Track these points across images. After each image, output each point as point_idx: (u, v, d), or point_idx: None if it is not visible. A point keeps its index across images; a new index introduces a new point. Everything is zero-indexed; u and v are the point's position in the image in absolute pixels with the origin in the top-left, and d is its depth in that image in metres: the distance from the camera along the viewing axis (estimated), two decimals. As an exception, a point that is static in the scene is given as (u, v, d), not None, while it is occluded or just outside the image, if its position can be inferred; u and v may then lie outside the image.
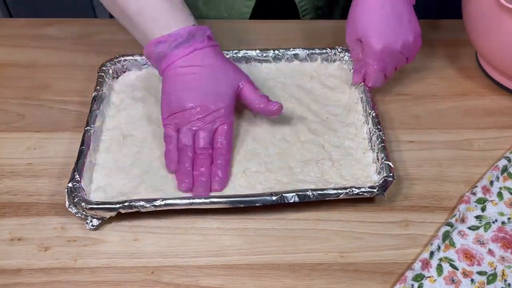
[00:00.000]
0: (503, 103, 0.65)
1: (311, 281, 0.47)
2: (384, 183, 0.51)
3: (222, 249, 0.50)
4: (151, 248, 0.50)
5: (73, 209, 0.50)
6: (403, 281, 0.46)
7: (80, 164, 0.53)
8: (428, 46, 0.75)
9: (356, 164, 0.55)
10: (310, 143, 0.58)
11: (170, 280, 0.47)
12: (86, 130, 0.56)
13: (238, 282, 0.47)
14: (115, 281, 0.47)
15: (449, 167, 0.57)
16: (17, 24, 0.78)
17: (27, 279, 0.47)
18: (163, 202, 0.49)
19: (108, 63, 0.65)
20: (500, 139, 0.60)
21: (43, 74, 0.69)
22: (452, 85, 0.68)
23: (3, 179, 0.55)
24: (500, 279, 0.47)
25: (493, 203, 0.53)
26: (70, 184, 0.51)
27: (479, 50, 0.66)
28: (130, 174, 0.55)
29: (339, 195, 0.50)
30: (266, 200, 0.50)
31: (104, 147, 0.57)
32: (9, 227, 0.51)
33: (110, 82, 0.65)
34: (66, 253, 0.49)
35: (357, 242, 0.50)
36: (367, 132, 0.58)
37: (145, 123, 0.60)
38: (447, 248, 0.49)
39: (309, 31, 0.77)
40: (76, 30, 0.77)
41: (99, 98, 0.60)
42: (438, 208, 0.53)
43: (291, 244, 0.50)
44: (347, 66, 0.68)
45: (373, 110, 0.58)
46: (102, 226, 0.51)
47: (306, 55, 0.68)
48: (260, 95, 0.58)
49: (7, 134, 0.61)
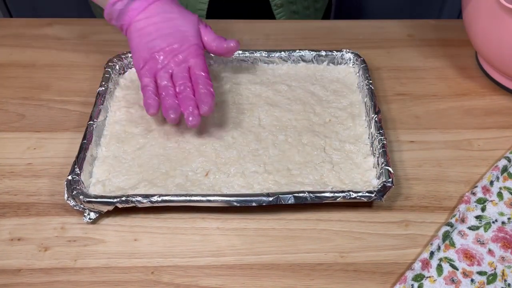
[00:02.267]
0: (503, 103, 0.65)
1: (311, 281, 0.47)
2: (383, 189, 0.51)
3: (222, 249, 0.50)
4: (151, 248, 0.50)
5: (71, 201, 0.51)
6: (403, 281, 0.46)
7: (81, 157, 0.53)
8: (428, 46, 0.75)
9: (355, 168, 0.55)
10: (312, 145, 0.58)
11: (170, 280, 0.47)
12: (89, 124, 0.57)
13: (238, 282, 0.47)
14: (115, 281, 0.47)
15: (449, 167, 0.57)
16: (17, 24, 0.78)
17: (27, 279, 0.47)
18: (160, 198, 0.49)
19: (115, 59, 0.66)
20: (500, 139, 0.60)
21: (43, 74, 0.69)
22: (452, 85, 0.68)
23: (3, 179, 0.56)
24: (500, 279, 0.47)
25: (493, 203, 0.53)
26: (70, 177, 0.51)
27: (479, 50, 0.66)
28: (130, 170, 0.55)
29: (336, 199, 0.50)
30: (262, 200, 0.50)
31: (105, 142, 0.58)
32: (9, 227, 0.51)
33: (116, 78, 0.65)
34: (66, 253, 0.49)
35: (357, 242, 0.50)
36: (369, 137, 0.58)
37: (147, 119, 0.60)
38: (447, 248, 0.49)
39: (305, 30, 0.77)
40: (76, 30, 0.77)
41: (104, 93, 0.61)
42: (438, 208, 0.53)
43: (291, 244, 0.50)
44: (353, 69, 0.68)
45: (376, 114, 0.58)
46: (102, 226, 0.51)
47: (312, 57, 0.68)
48: (217, 36, 0.60)
49: (7, 134, 0.61)
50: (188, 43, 0.58)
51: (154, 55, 0.58)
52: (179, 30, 0.59)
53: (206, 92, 0.56)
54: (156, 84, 0.57)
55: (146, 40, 0.58)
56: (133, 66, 0.60)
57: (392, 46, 0.75)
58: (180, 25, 0.59)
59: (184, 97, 0.55)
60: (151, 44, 0.58)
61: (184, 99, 0.55)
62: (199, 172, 0.55)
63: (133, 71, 0.67)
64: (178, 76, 0.57)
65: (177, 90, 0.56)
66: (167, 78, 0.57)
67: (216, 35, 0.61)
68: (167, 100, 0.55)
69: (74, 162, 0.52)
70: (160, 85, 0.57)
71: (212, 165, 0.55)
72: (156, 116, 0.60)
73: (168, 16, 0.59)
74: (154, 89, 0.57)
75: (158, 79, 0.57)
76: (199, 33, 0.60)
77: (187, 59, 0.58)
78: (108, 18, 0.60)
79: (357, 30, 0.78)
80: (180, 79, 0.57)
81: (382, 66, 0.71)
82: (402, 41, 0.76)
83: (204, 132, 0.59)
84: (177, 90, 0.56)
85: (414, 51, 0.74)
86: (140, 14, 0.58)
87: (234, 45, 0.60)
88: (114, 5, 0.58)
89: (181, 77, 0.57)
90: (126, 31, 0.60)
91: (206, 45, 0.61)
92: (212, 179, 0.54)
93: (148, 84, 0.57)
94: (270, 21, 0.80)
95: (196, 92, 0.56)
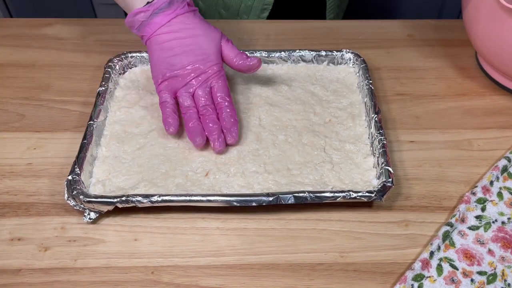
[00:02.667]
0: (503, 103, 0.65)
1: (311, 281, 0.47)
2: (383, 188, 0.51)
3: (222, 249, 0.50)
4: (151, 248, 0.50)
5: (71, 201, 0.51)
6: (403, 281, 0.46)
7: (81, 157, 0.53)
8: (428, 46, 0.75)
9: (355, 168, 0.55)
10: (312, 145, 0.58)
11: (170, 280, 0.47)
12: (89, 124, 0.57)
13: (238, 282, 0.47)
14: (115, 281, 0.47)
15: (449, 167, 0.57)
16: (17, 24, 0.78)
17: (27, 279, 0.47)
18: (160, 198, 0.49)
19: (115, 59, 0.66)
20: (500, 139, 0.60)
21: (43, 74, 0.69)
22: (452, 85, 0.68)
23: (3, 179, 0.56)
24: (500, 279, 0.47)
25: (493, 203, 0.53)
26: (70, 177, 0.51)
27: (479, 50, 0.66)
28: (130, 170, 0.55)
29: (336, 198, 0.50)
30: (262, 200, 0.50)
31: (105, 142, 0.58)
32: (9, 227, 0.51)
33: (116, 78, 0.65)
34: (66, 253, 0.49)
35: (357, 242, 0.50)
36: (369, 137, 0.58)
37: (147, 119, 0.60)
38: (447, 248, 0.49)
39: (305, 30, 0.77)
40: (76, 30, 0.77)
41: (104, 93, 0.61)
42: (438, 208, 0.53)
43: (291, 244, 0.50)
44: (353, 69, 0.68)
45: (376, 114, 0.58)
46: (102, 226, 0.51)
47: (312, 57, 0.68)
48: (239, 51, 0.59)
49: (7, 134, 0.61)
50: (211, 62, 0.58)
51: (175, 72, 0.57)
52: (202, 48, 0.57)
53: (233, 121, 0.55)
54: (175, 100, 0.57)
55: (167, 55, 0.57)
56: (152, 78, 0.59)
57: (392, 46, 0.75)
58: (203, 42, 0.58)
59: (208, 119, 0.55)
60: (173, 60, 0.57)
61: (207, 122, 0.55)
62: (199, 172, 0.55)
63: (133, 71, 0.67)
64: (201, 97, 0.56)
65: (199, 111, 0.56)
66: (189, 98, 0.56)
67: (238, 50, 0.60)
68: (191, 123, 0.55)
69: (74, 162, 0.52)
70: (182, 105, 0.56)
71: (212, 165, 0.55)
72: (157, 116, 0.60)
73: (191, 32, 0.58)
74: (173, 106, 0.56)
75: (180, 98, 0.57)
76: (221, 50, 0.59)
77: (209, 80, 0.57)
78: (129, 25, 0.59)
79: (357, 30, 0.78)
80: (203, 101, 0.56)
81: (382, 66, 0.71)
82: (402, 41, 0.76)
83: (204, 132, 0.59)
84: (199, 110, 0.56)
85: (414, 51, 0.74)
86: (163, 27, 0.57)
87: (257, 63, 0.59)
88: (136, 16, 0.57)
89: (204, 98, 0.56)
90: (146, 42, 0.59)
91: (227, 60, 0.60)
92: (212, 179, 0.54)
93: (166, 100, 0.56)
94: (270, 21, 0.80)
95: (221, 119, 0.55)
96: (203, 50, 0.57)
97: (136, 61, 0.67)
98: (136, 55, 0.67)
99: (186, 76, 0.57)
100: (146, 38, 0.58)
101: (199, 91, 0.57)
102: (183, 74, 0.57)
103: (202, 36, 0.58)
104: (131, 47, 0.71)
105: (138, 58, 0.67)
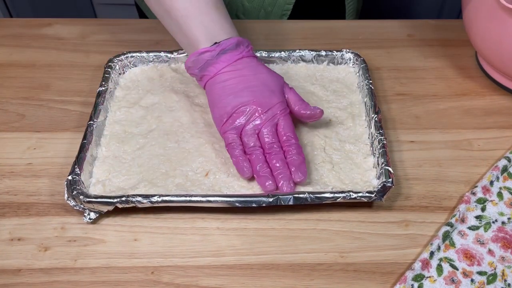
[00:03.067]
0: (503, 103, 0.65)
1: (311, 281, 0.47)
2: (383, 189, 0.51)
3: (222, 249, 0.50)
4: (151, 248, 0.50)
5: (71, 201, 0.51)
6: (403, 281, 0.46)
7: (81, 157, 0.53)
8: (428, 46, 0.75)
9: (355, 168, 0.55)
10: (312, 145, 0.58)
11: (170, 280, 0.47)
12: (88, 124, 0.57)
13: (238, 282, 0.47)
14: (115, 281, 0.47)
15: (449, 167, 0.57)
16: (17, 24, 0.78)
17: (27, 279, 0.47)
18: (160, 198, 0.49)
19: (115, 59, 0.66)
20: (500, 139, 0.60)
21: (43, 74, 0.69)
22: (452, 85, 0.68)
23: (3, 179, 0.56)
24: (500, 279, 0.47)
25: (493, 203, 0.53)
26: (70, 177, 0.51)
27: (479, 50, 0.66)
28: (130, 170, 0.55)
29: (336, 199, 0.50)
30: (262, 201, 0.50)
31: (105, 142, 0.58)
32: (9, 227, 0.51)
33: (116, 77, 0.65)
34: (66, 253, 0.49)
35: (357, 242, 0.50)
36: (369, 137, 0.58)
37: (147, 120, 0.60)
38: (447, 248, 0.49)
39: (305, 30, 0.77)
40: (76, 30, 0.77)
41: (104, 93, 0.61)
42: (438, 208, 0.53)
43: (291, 244, 0.50)
44: (353, 69, 0.68)
45: (376, 114, 0.58)
46: (102, 226, 0.51)
47: (312, 57, 0.68)
48: (301, 98, 0.58)
49: (7, 134, 0.61)
50: (277, 99, 0.55)
51: (240, 108, 0.54)
52: (267, 85, 0.56)
53: (301, 159, 0.53)
54: (241, 140, 0.54)
55: (231, 92, 0.55)
56: (213, 120, 0.57)
57: (392, 46, 0.75)
58: (268, 80, 0.56)
59: (275, 159, 0.53)
60: (238, 95, 0.55)
61: (274, 162, 0.53)
62: (199, 172, 0.55)
63: (133, 71, 0.67)
64: (267, 135, 0.54)
65: (265, 149, 0.54)
66: (254, 137, 0.54)
67: (301, 97, 0.58)
68: (259, 165, 0.52)
69: (74, 162, 0.52)
70: (247, 145, 0.54)
71: (212, 165, 0.55)
72: (157, 116, 0.60)
73: (255, 70, 0.57)
74: (241, 147, 0.54)
75: (244, 137, 0.54)
76: (284, 92, 0.57)
77: (275, 117, 0.55)
78: (191, 65, 0.58)
79: (357, 30, 0.78)
80: (269, 138, 0.54)
81: (382, 66, 0.71)
82: (402, 41, 0.76)
83: (204, 132, 0.59)
84: (265, 148, 0.54)
85: (414, 51, 0.74)
86: (228, 66, 0.56)
87: (319, 113, 0.57)
88: (201, 55, 0.56)
89: (270, 136, 0.54)
90: (208, 81, 0.57)
91: (291, 104, 0.57)
92: (212, 179, 0.54)
93: (235, 141, 0.54)
94: (270, 21, 0.80)
95: (288, 157, 0.53)
96: (269, 87, 0.56)
97: (136, 61, 0.67)
98: (136, 55, 0.67)
99: (253, 112, 0.54)
100: (209, 77, 0.57)
101: (265, 129, 0.54)
102: (248, 111, 0.54)
103: (266, 74, 0.57)
104: (131, 47, 0.71)
105: (138, 58, 0.67)
